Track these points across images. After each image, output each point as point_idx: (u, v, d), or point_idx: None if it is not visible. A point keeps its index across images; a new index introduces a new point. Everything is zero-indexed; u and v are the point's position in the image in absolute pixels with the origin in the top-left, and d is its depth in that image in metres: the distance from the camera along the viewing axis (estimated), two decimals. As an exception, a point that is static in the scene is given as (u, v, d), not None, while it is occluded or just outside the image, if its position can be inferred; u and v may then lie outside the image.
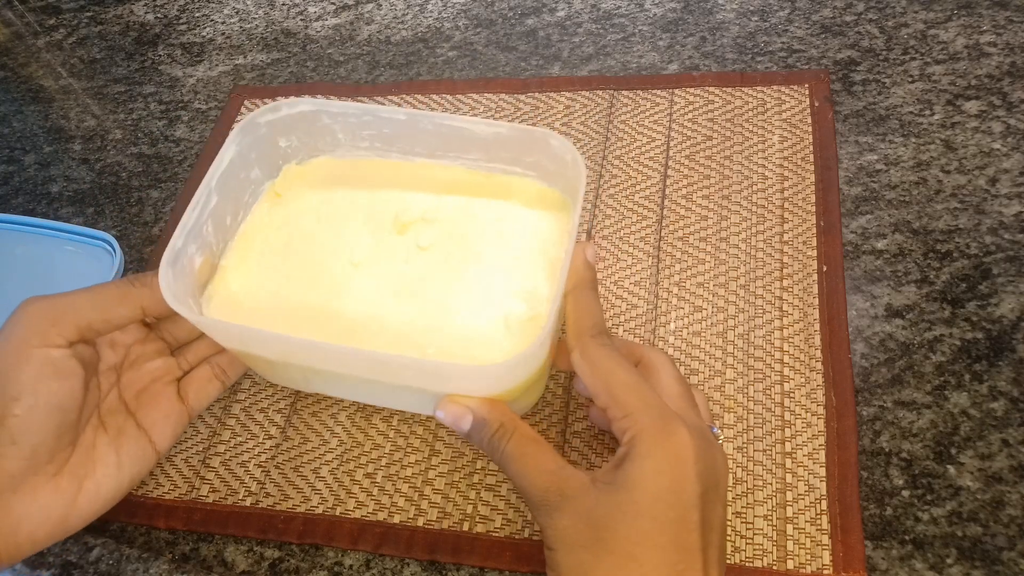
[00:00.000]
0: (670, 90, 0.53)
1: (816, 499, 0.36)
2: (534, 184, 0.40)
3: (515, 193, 0.40)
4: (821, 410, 0.39)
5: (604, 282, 0.45)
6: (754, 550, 0.36)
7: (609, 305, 0.44)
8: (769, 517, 0.36)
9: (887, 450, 0.37)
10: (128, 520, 0.42)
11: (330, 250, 0.39)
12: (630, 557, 0.27)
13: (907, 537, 0.35)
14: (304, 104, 0.39)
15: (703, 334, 0.42)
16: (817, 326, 0.41)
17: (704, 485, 0.29)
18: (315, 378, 0.39)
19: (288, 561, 0.39)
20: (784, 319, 0.42)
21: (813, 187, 0.46)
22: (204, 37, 0.67)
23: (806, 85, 0.51)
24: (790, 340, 0.41)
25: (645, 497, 0.28)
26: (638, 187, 0.49)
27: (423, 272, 0.38)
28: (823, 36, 0.53)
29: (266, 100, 0.59)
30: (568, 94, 0.54)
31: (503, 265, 0.38)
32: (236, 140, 0.38)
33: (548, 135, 0.36)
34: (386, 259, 0.39)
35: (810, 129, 0.49)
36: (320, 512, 0.40)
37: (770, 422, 0.39)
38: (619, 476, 0.29)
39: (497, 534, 0.38)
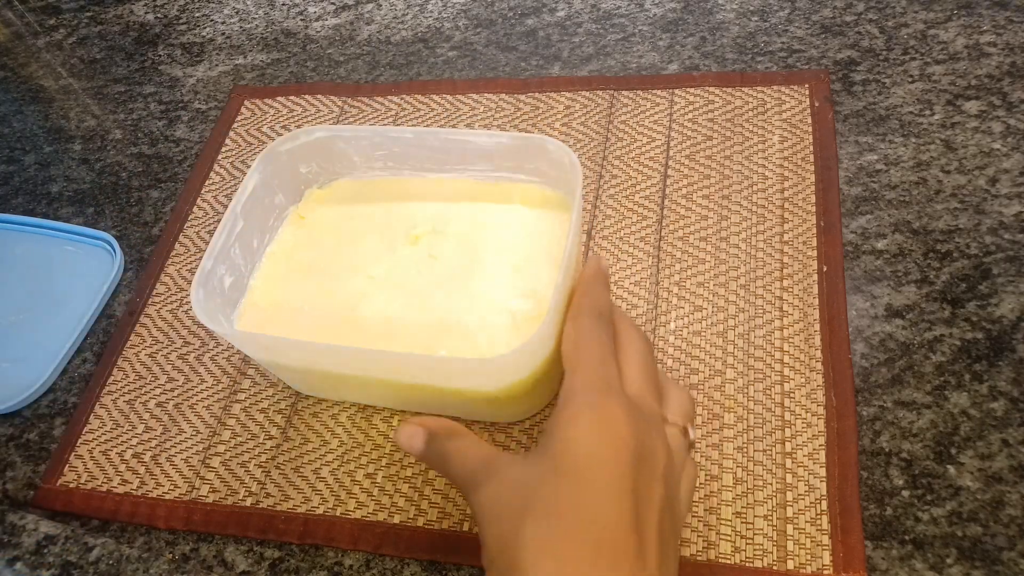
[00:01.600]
0: (670, 90, 0.53)
1: (816, 499, 0.36)
2: (537, 189, 0.41)
3: (519, 199, 0.41)
4: (821, 410, 0.39)
5: (604, 282, 0.45)
6: (754, 550, 0.36)
7: (609, 305, 0.44)
8: (769, 517, 0.36)
9: (887, 450, 0.37)
10: (128, 520, 0.42)
11: (349, 266, 0.41)
12: (548, 516, 0.26)
13: (907, 537, 0.35)
14: (319, 131, 0.41)
15: (703, 334, 0.42)
16: (817, 326, 0.41)
17: (636, 456, 0.27)
18: (341, 385, 0.41)
19: (288, 561, 0.39)
20: (784, 319, 0.42)
21: (813, 187, 0.46)
22: (204, 37, 0.67)
23: (806, 85, 0.51)
24: (790, 340, 0.41)
25: (567, 460, 0.27)
26: (638, 187, 0.49)
27: (434, 280, 0.40)
28: (823, 36, 0.53)
29: (266, 100, 0.59)
30: (568, 94, 0.54)
31: (509, 267, 0.39)
32: (259, 168, 0.41)
33: (545, 140, 0.38)
34: (400, 270, 0.41)
35: (810, 129, 0.49)
36: (320, 512, 0.40)
37: (770, 422, 0.39)
38: (547, 441, 0.28)
39: (497, 534, 0.38)
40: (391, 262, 0.41)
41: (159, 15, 0.70)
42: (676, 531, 0.29)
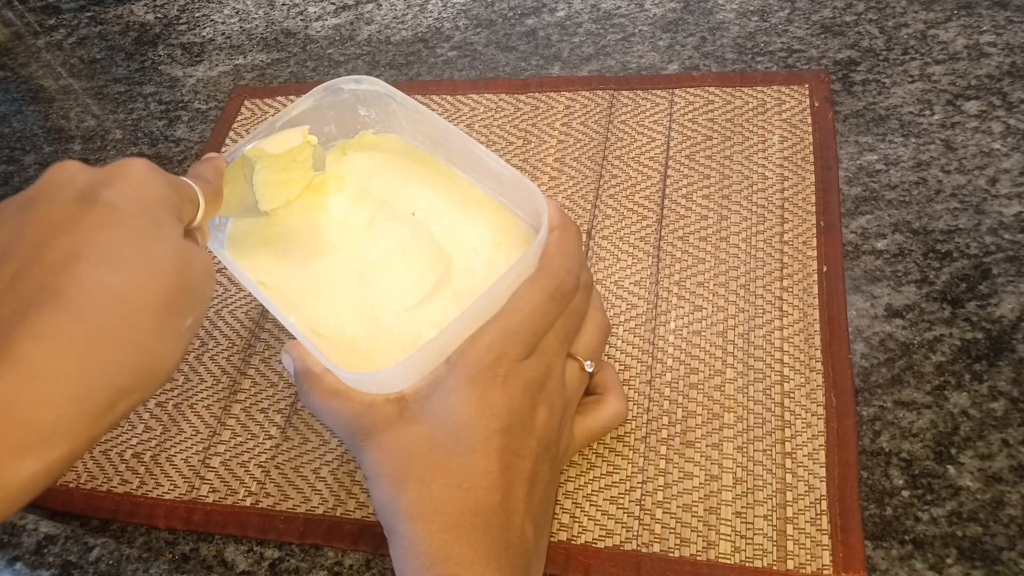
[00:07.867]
0: (670, 90, 0.53)
1: (816, 499, 0.36)
2: (531, 232, 0.37)
3: (510, 238, 0.37)
4: (821, 410, 0.39)
5: (604, 282, 0.45)
6: (754, 550, 0.36)
7: (609, 305, 0.44)
8: (769, 517, 0.36)
9: (887, 450, 0.37)
10: (128, 520, 0.42)
11: (336, 215, 0.40)
12: (420, 483, 0.30)
13: (907, 537, 0.35)
14: (380, 85, 0.40)
15: (703, 334, 0.42)
16: (817, 326, 0.41)
17: (507, 422, 0.30)
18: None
19: (288, 561, 0.39)
20: (784, 319, 0.42)
21: (813, 187, 0.46)
22: (204, 37, 0.67)
23: (806, 85, 0.51)
24: (790, 340, 0.41)
25: (443, 431, 0.30)
26: (638, 187, 0.49)
27: (380, 259, 0.38)
28: (823, 36, 0.54)
29: (266, 100, 0.59)
30: (568, 94, 0.54)
31: (451, 292, 0.36)
32: (315, 96, 0.40)
33: (535, 195, 0.34)
34: (364, 239, 0.39)
35: (810, 129, 0.49)
36: (321, 512, 0.40)
37: (770, 422, 0.39)
38: (426, 406, 0.31)
39: (497, 534, 0.38)
40: (363, 226, 0.39)
41: (159, 15, 0.70)
42: (556, 470, 0.34)
